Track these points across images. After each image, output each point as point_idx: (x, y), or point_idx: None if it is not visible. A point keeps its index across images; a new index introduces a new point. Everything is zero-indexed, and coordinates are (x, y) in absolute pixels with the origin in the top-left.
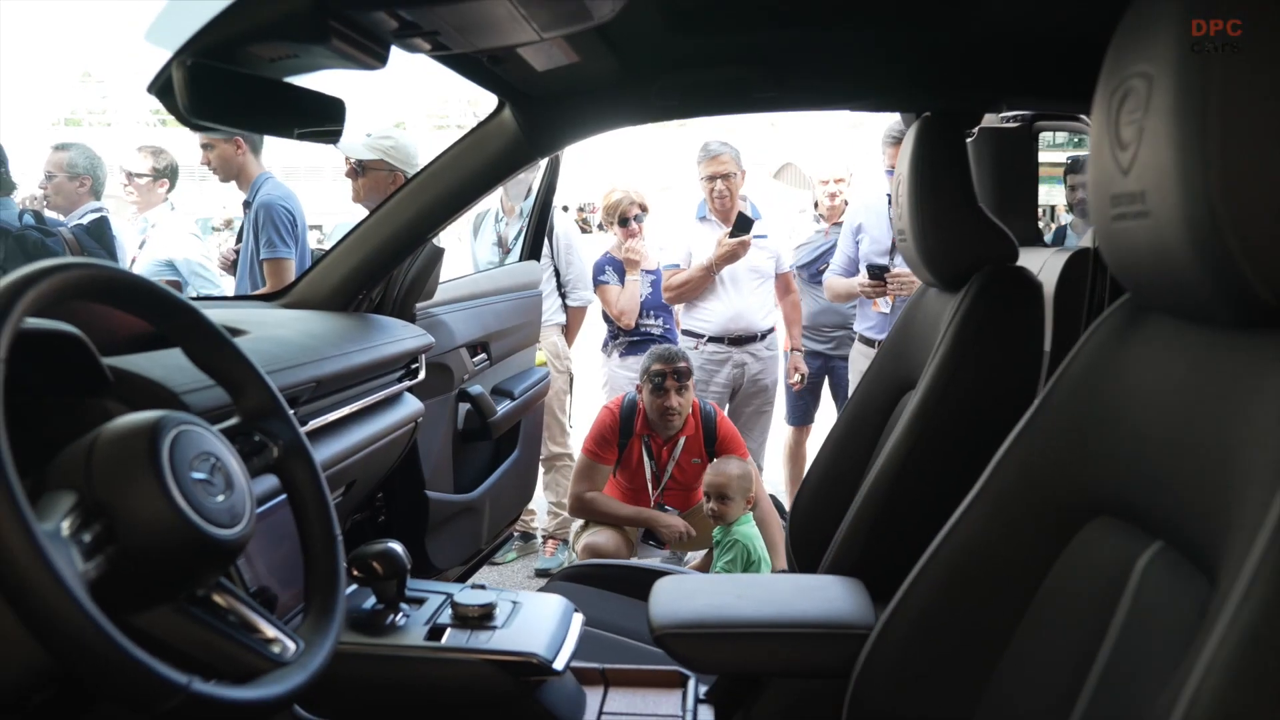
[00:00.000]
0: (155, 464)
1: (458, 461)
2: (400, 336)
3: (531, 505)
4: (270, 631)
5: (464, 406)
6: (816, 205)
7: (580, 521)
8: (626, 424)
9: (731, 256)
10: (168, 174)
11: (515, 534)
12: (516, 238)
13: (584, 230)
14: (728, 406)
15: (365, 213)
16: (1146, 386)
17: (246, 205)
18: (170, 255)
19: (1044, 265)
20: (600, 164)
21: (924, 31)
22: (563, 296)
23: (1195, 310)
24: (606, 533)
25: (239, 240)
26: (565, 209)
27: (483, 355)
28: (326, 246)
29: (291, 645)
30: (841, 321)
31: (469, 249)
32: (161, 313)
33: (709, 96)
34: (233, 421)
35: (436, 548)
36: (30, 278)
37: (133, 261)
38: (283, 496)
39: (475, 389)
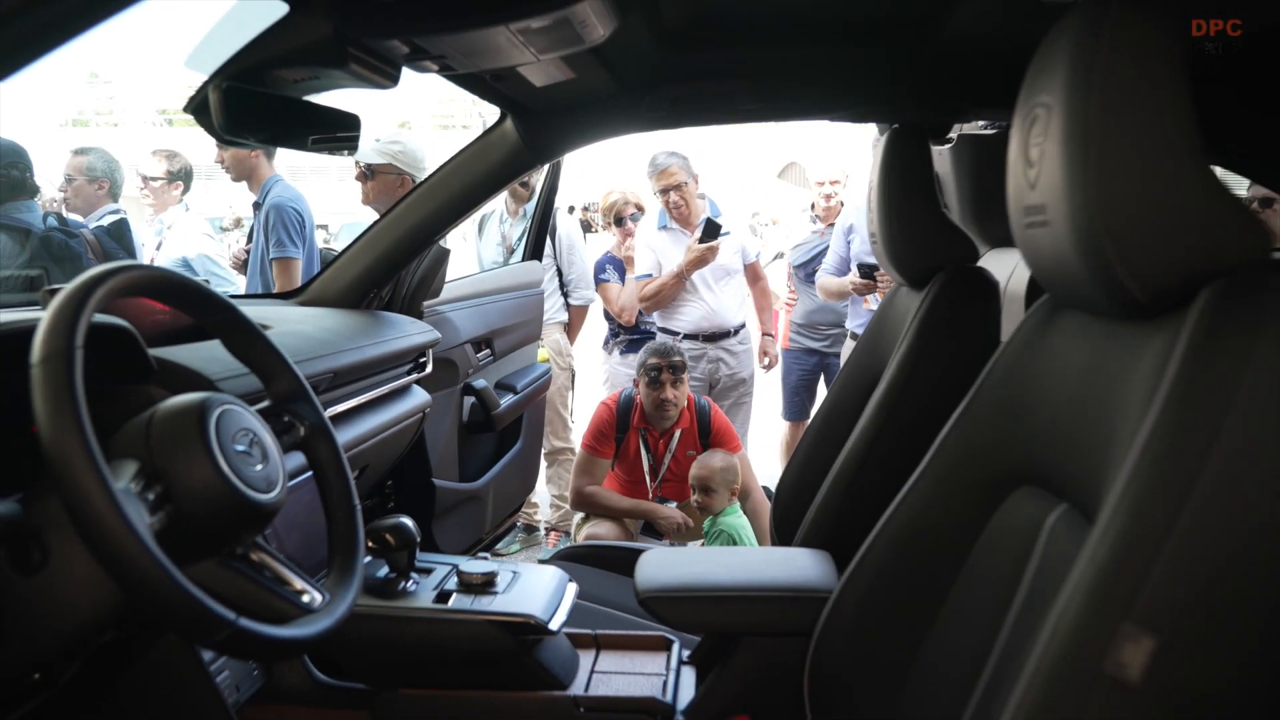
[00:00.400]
0: (204, 437)
1: (463, 451)
2: (409, 332)
3: (534, 499)
4: (299, 584)
5: (469, 400)
6: (813, 206)
7: (581, 514)
8: (623, 418)
9: (700, 261)
10: (182, 176)
11: (519, 526)
12: (520, 238)
13: (587, 229)
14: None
15: (372, 213)
16: (1059, 372)
17: (256, 206)
18: (186, 255)
19: (1016, 265)
20: (606, 165)
21: (890, 51)
22: (565, 295)
23: (1092, 305)
24: (606, 524)
25: (249, 240)
26: (571, 209)
27: (487, 351)
28: (333, 245)
29: (319, 597)
30: (836, 320)
31: (474, 248)
32: (205, 309)
33: (697, 108)
34: (264, 404)
35: (442, 533)
36: (100, 277)
37: (150, 262)
38: (303, 477)
39: (480, 383)
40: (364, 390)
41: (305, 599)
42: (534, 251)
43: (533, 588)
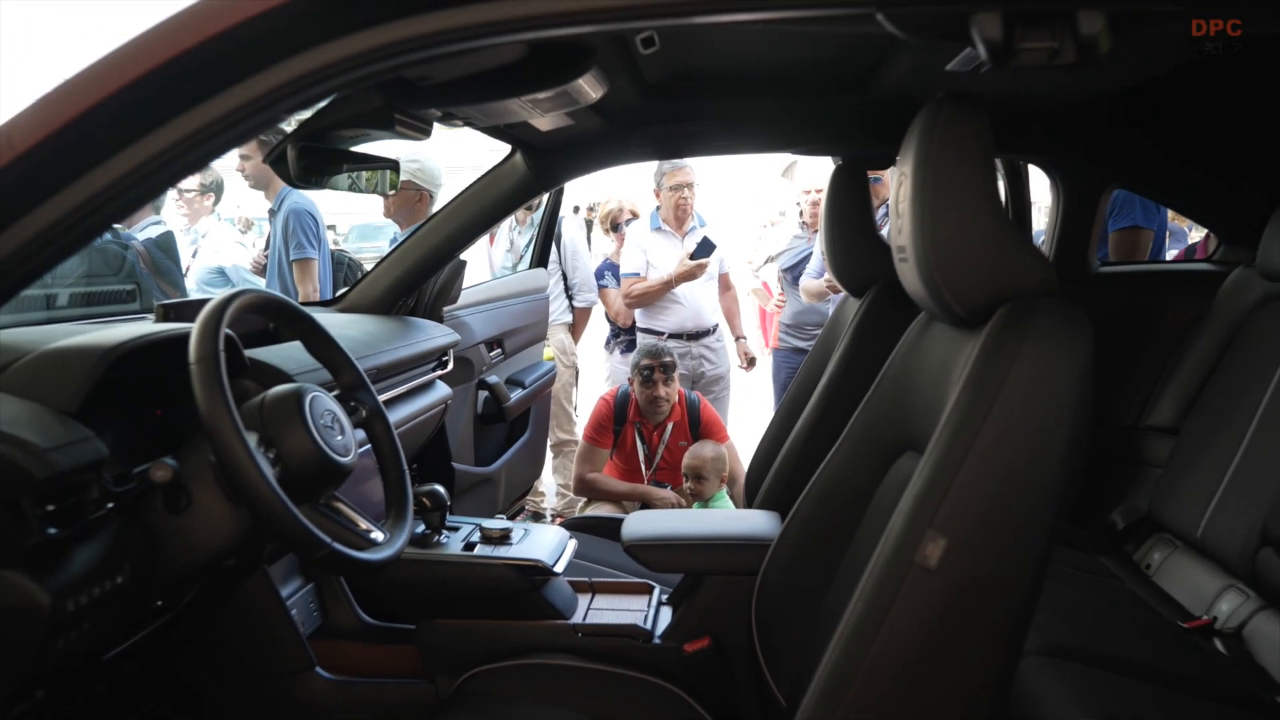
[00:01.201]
0: (302, 415)
1: (478, 439)
2: (433, 335)
3: (541, 487)
4: (366, 525)
5: (483, 394)
6: (801, 213)
7: (584, 500)
8: (620, 412)
9: (689, 276)
10: (214, 188)
11: (527, 513)
12: (527, 246)
13: (590, 228)
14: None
15: (380, 216)
16: (927, 366)
17: (272, 213)
18: (220, 263)
19: None
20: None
21: (834, 102)
22: (570, 298)
23: (942, 318)
24: (606, 508)
25: (267, 246)
26: (576, 209)
27: (498, 350)
28: (343, 245)
29: (381, 536)
30: (821, 320)
31: (485, 253)
32: (293, 321)
33: (676, 144)
34: (335, 393)
35: (460, 510)
36: (229, 299)
37: (187, 270)
38: (363, 449)
39: (492, 379)
40: (397, 384)
41: (373, 535)
42: (540, 260)
43: (541, 541)
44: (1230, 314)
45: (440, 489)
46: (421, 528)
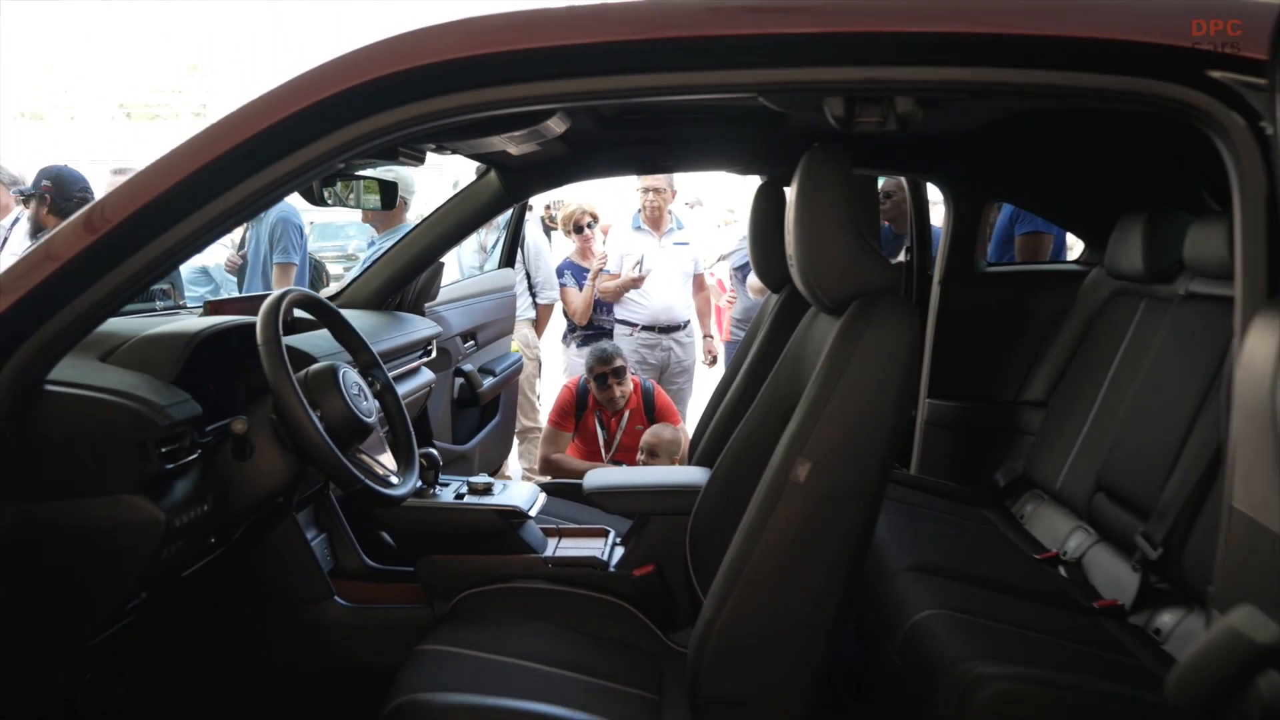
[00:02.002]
0: (338, 384)
1: (455, 421)
2: (419, 327)
3: (507, 471)
4: (383, 471)
5: (459, 380)
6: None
7: (547, 479)
8: (581, 400)
9: (626, 286)
10: None
11: None
12: (494, 245)
13: (549, 227)
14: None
15: (339, 216)
16: (812, 343)
17: (258, 219)
18: (204, 263)
19: None
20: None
21: (758, 131)
22: (533, 295)
23: (820, 308)
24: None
25: (241, 247)
26: (529, 208)
27: (471, 342)
28: (314, 240)
29: (396, 479)
30: None
31: (454, 253)
32: (324, 313)
33: (629, 164)
34: (355, 370)
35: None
36: (281, 296)
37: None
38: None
39: (467, 367)
40: (390, 369)
41: (392, 479)
42: (508, 260)
43: (517, 492)
44: (1088, 307)
45: (434, 451)
46: (419, 483)
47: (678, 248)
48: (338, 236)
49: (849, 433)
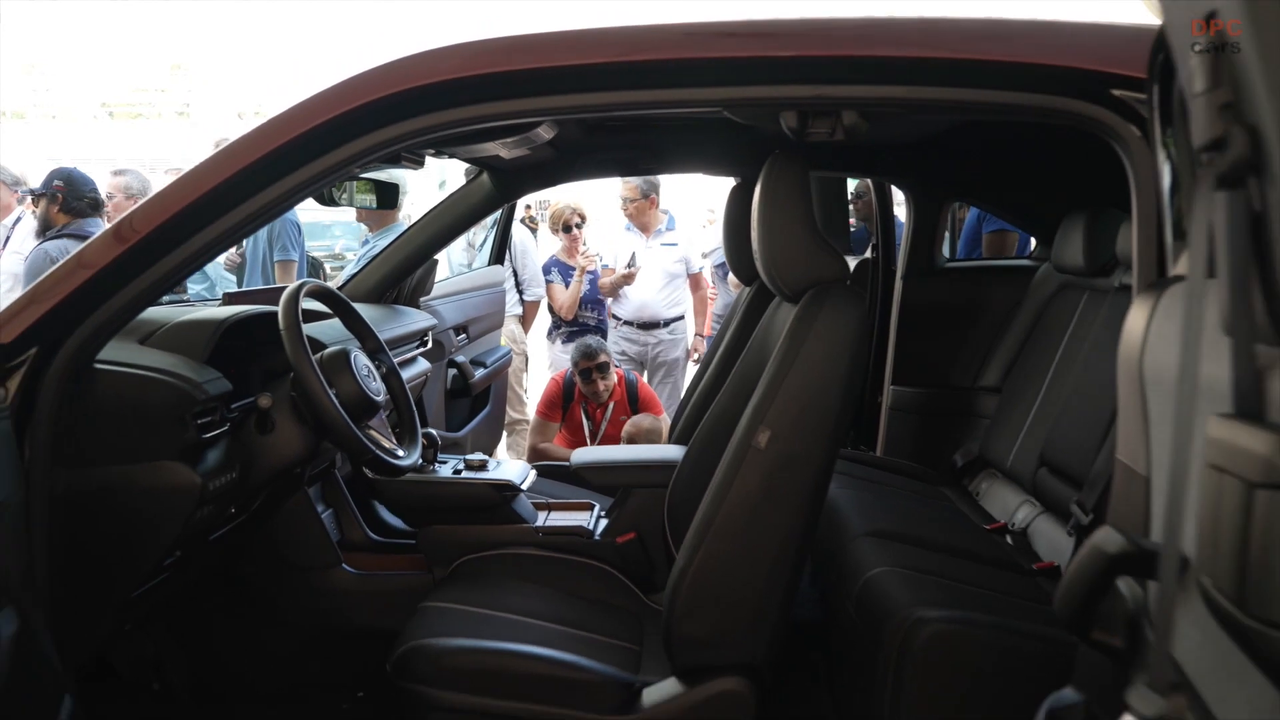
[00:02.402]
0: (350, 366)
1: (448, 410)
2: (416, 319)
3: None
4: (389, 445)
5: (452, 371)
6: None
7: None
8: (568, 392)
9: (619, 284)
10: None
11: None
12: (482, 244)
13: (531, 227)
14: (645, 375)
15: (325, 215)
16: (775, 328)
17: None
18: None
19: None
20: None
21: (728, 136)
22: (520, 292)
23: (783, 296)
24: None
25: (240, 246)
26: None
27: (464, 335)
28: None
29: (401, 452)
30: None
31: (444, 250)
32: (336, 303)
33: (612, 166)
34: (364, 354)
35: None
36: (300, 287)
37: None
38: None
39: (460, 358)
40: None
41: (398, 451)
42: (497, 258)
43: (509, 468)
44: (1038, 299)
45: (434, 431)
46: (420, 460)
47: (665, 248)
48: (324, 236)
49: (804, 405)
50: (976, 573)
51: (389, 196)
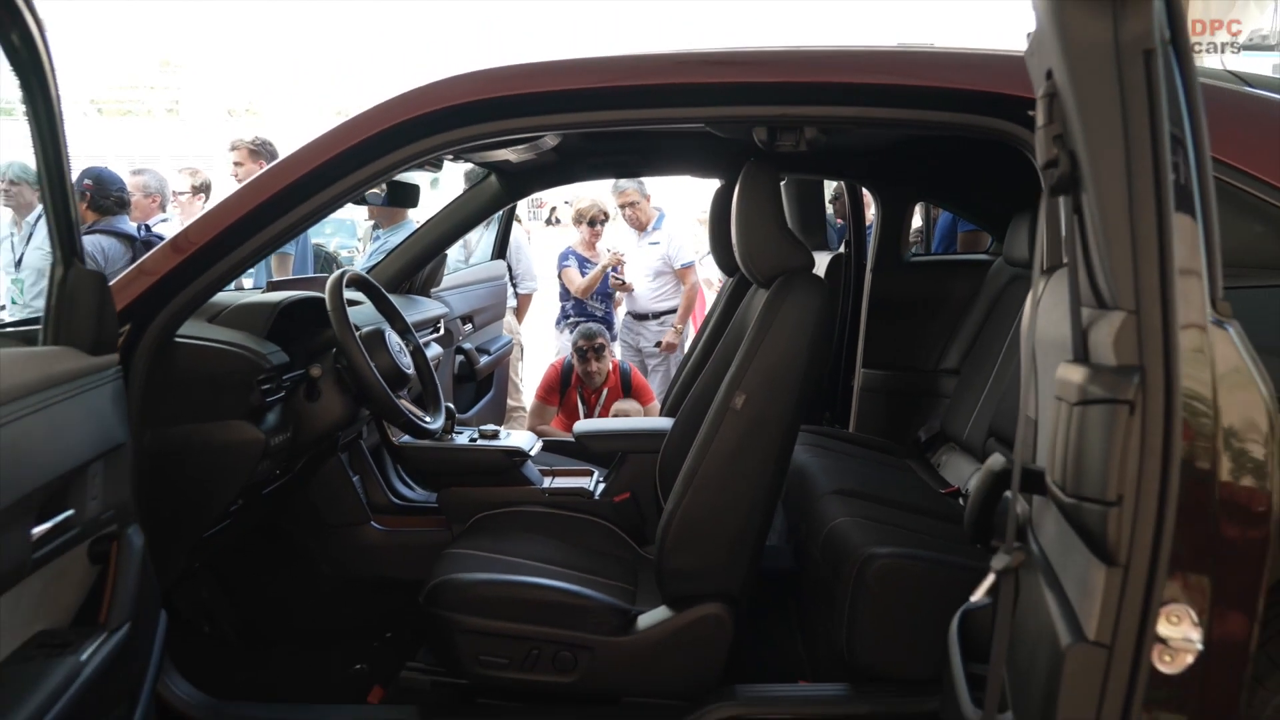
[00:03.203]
0: (384, 342)
1: (456, 393)
2: (430, 308)
3: None
4: (418, 412)
5: (459, 357)
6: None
7: None
8: (565, 378)
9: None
10: (204, 189)
11: None
12: (478, 240)
13: (550, 220)
14: (639, 360)
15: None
16: (751, 312)
17: None
18: None
19: (823, 265)
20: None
21: (714, 143)
22: (514, 286)
23: (757, 282)
24: None
25: None
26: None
27: (469, 324)
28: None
29: (429, 418)
30: None
31: None
32: (369, 289)
33: (609, 169)
34: (394, 333)
35: None
36: (343, 274)
37: None
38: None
39: (466, 345)
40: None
41: (426, 418)
42: (499, 254)
43: (519, 437)
44: (992, 290)
45: (451, 405)
46: (443, 425)
47: (650, 246)
48: (317, 235)
49: (774, 372)
50: (925, 524)
51: (411, 196)
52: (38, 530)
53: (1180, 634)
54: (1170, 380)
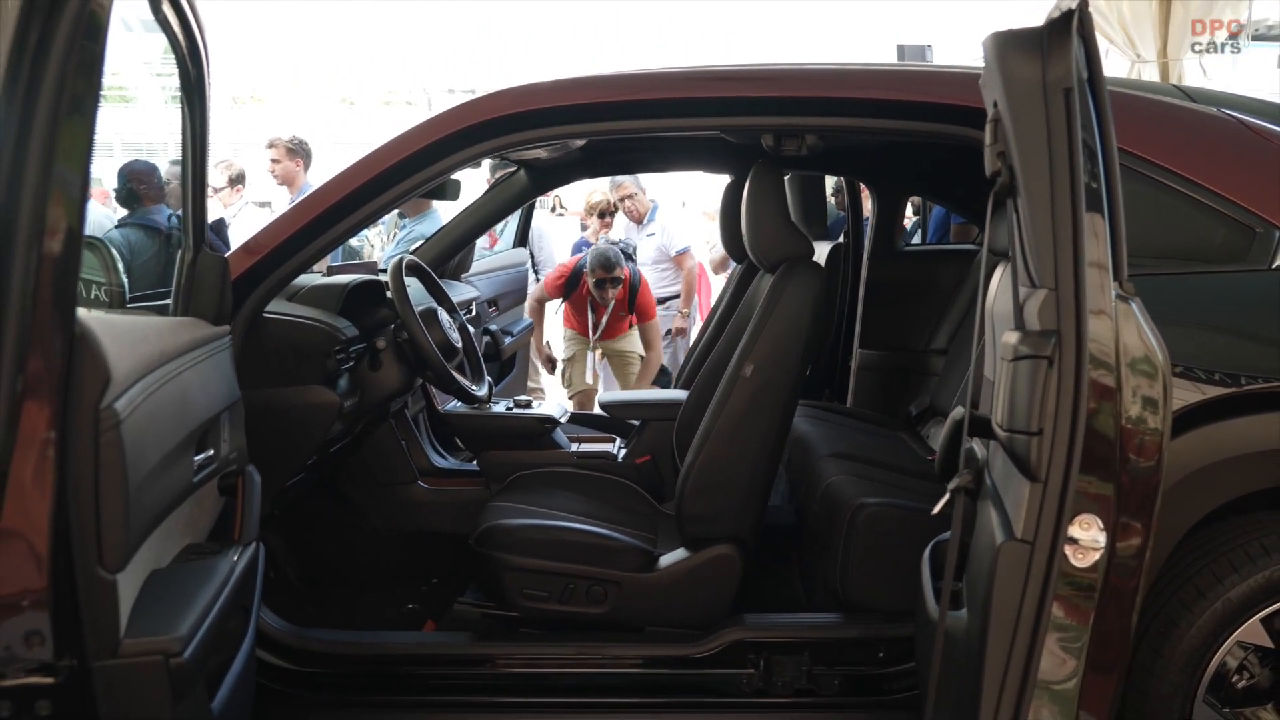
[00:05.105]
0: (438, 319)
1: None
2: (464, 291)
3: None
4: (467, 382)
5: (485, 339)
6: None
7: None
8: (575, 279)
9: None
10: (239, 179)
11: None
12: (502, 230)
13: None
14: None
15: None
16: (758, 295)
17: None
18: None
19: (824, 254)
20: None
21: (724, 144)
22: (536, 273)
23: (763, 268)
24: None
25: None
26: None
27: (494, 307)
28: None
29: (475, 387)
30: None
31: None
32: (422, 274)
33: (629, 165)
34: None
35: None
36: (402, 259)
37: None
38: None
39: (493, 327)
40: None
41: (474, 386)
42: (520, 241)
43: (549, 406)
44: (978, 276)
45: (490, 379)
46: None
47: (648, 238)
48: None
49: (779, 344)
50: (910, 482)
51: (452, 189)
52: (197, 459)
53: (1090, 537)
54: (1080, 341)
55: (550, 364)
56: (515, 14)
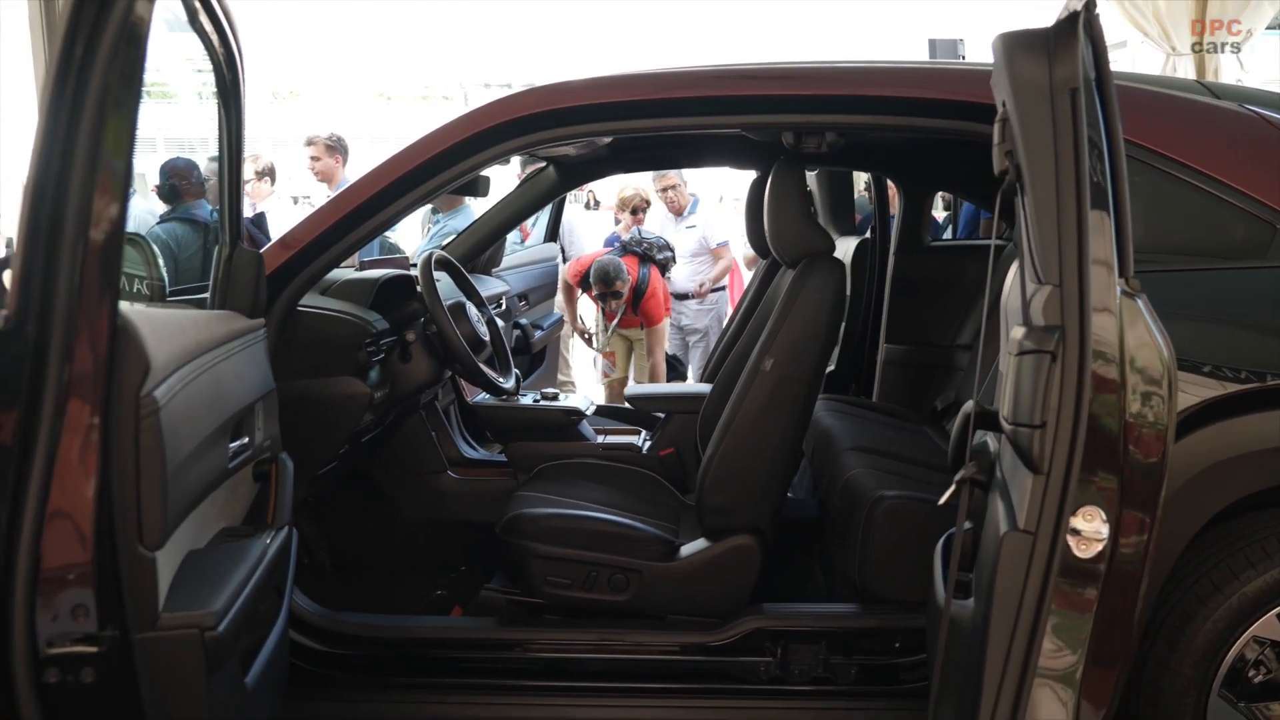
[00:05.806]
0: (466, 313)
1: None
2: (495, 285)
3: None
4: (494, 374)
5: (516, 332)
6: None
7: None
8: (584, 282)
9: None
10: (269, 172)
11: None
12: (533, 223)
13: (589, 206)
14: (680, 338)
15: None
16: (779, 290)
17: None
18: None
19: (850, 248)
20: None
21: (748, 140)
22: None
23: (785, 264)
24: None
25: None
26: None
27: (524, 301)
28: None
29: (502, 380)
30: None
31: None
32: (451, 269)
33: (655, 162)
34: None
35: None
36: (431, 254)
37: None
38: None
39: (523, 321)
40: None
41: (501, 379)
42: (551, 236)
43: (575, 399)
44: (1003, 272)
45: (517, 372)
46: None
47: (687, 230)
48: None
49: (798, 339)
50: (930, 475)
51: (481, 186)
52: (232, 446)
53: (1092, 528)
54: (1083, 336)
55: (586, 338)
56: (553, 9)
